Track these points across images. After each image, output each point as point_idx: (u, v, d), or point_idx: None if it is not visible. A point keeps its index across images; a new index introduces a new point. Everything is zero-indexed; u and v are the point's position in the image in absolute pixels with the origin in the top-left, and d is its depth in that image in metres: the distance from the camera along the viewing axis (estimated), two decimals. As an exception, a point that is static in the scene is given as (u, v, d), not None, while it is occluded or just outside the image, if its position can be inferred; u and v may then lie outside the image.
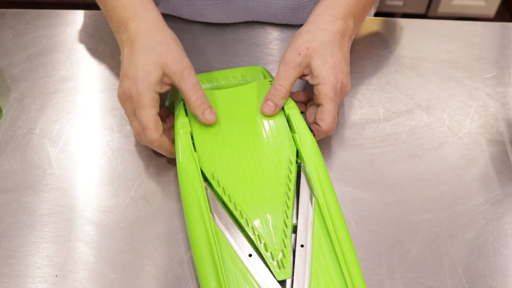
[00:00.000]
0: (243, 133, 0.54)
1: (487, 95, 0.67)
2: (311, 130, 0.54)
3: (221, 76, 0.61)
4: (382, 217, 0.55)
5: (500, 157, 0.60)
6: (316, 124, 0.57)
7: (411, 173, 0.59)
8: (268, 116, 0.56)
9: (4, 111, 0.63)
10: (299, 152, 0.53)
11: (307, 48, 0.56)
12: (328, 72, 0.56)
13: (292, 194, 0.50)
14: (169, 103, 0.62)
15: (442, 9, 1.83)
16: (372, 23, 0.76)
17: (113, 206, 0.55)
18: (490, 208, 0.56)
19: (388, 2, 1.82)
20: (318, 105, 0.57)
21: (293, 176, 0.51)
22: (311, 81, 0.57)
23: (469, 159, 0.60)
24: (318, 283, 0.45)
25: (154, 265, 0.51)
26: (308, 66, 0.57)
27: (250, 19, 0.74)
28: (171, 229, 0.53)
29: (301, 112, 0.56)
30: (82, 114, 0.63)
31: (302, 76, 0.58)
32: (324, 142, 0.61)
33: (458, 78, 0.69)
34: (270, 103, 0.56)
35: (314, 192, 0.50)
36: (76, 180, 0.57)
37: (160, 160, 0.59)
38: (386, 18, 0.77)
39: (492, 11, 1.83)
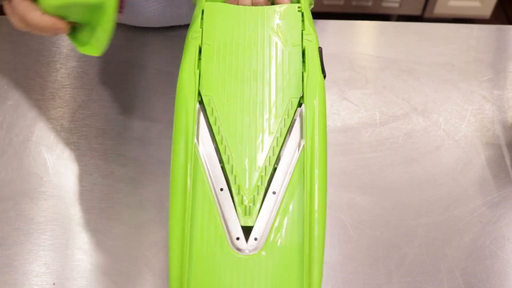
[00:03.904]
0: (253, 62, 0.50)
1: (483, 98, 0.67)
2: (323, 71, 0.50)
3: None
4: (379, 221, 0.55)
5: (497, 160, 0.61)
6: None
7: (408, 177, 0.59)
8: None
9: (0, 119, 0.63)
10: (303, 92, 0.49)
11: None
12: None
13: (282, 139, 0.47)
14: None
15: (438, 10, 1.83)
16: (367, 27, 0.76)
17: (110, 213, 0.55)
18: (487, 211, 0.56)
19: (384, 4, 1.83)
20: None
21: (289, 121, 0.48)
22: None
23: (466, 162, 0.60)
24: (277, 232, 0.44)
25: (152, 272, 0.51)
26: None
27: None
28: (168, 236, 0.53)
29: (319, 48, 0.52)
30: (78, 120, 0.63)
31: None
32: (321, 147, 0.61)
33: (454, 81, 0.69)
34: None
35: (303, 139, 0.47)
36: (73, 187, 0.57)
37: (158, 166, 0.59)
38: (381, 21, 0.77)
39: (488, 11, 1.83)
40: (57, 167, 0.58)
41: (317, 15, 0.78)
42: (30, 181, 0.57)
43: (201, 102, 0.49)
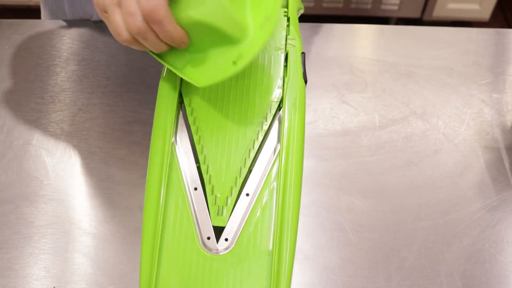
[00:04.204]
0: None
1: (482, 102, 0.67)
2: (305, 77, 0.51)
3: None
4: (378, 225, 0.55)
5: (496, 164, 0.61)
6: None
7: (407, 180, 0.59)
8: None
9: (0, 122, 0.63)
10: (283, 97, 0.49)
11: None
12: None
13: (259, 142, 0.48)
14: None
15: (437, 13, 1.83)
16: (367, 30, 0.76)
17: (110, 217, 0.55)
18: (486, 215, 0.56)
19: (383, 7, 1.83)
20: None
21: (268, 124, 0.48)
22: None
23: (465, 166, 0.60)
24: (248, 233, 0.44)
25: (152, 275, 0.51)
26: None
27: None
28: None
29: (302, 53, 0.52)
30: (78, 124, 0.63)
31: None
32: (320, 151, 0.61)
33: (453, 84, 0.69)
34: None
35: (279, 143, 0.47)
36: (73, 191, 0.57)
37: (157, 169, 0.59)
38: (380, 25, 0.78)
39: (486, 14, 1.84)
40: (57, 171, 0.58)
41: (316, 18, 0.78)
42: (30, 185, 0.57)
43: (182, 102, 0.49)
